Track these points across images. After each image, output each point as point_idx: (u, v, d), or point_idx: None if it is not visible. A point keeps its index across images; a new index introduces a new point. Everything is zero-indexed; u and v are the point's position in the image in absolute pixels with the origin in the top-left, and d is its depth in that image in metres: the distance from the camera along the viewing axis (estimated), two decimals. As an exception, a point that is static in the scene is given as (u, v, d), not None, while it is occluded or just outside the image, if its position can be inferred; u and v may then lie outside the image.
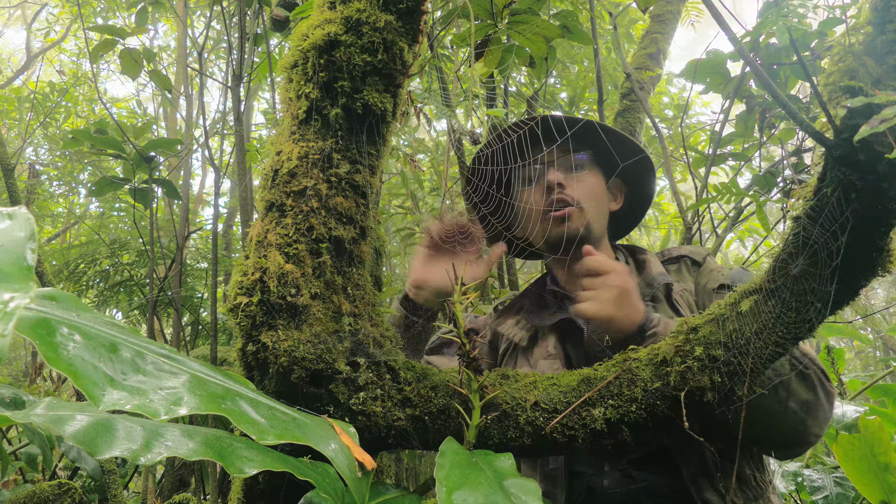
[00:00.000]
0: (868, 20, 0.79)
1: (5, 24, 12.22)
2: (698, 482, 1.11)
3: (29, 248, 0.38)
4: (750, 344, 0.89)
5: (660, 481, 1.14)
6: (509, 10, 1.71)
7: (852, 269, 0.85)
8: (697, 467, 1.12)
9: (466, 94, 1.80)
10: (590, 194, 1.33)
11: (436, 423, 0.93)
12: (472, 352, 0.90)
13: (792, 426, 1.04)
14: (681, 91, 4.89)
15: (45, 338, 0.48)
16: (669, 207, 5.14)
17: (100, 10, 6.86)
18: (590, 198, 1.32)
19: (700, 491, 1.10)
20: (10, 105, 6.79)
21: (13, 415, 0.52)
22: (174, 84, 6.24)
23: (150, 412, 0.49)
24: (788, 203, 1.07)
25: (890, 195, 0.77)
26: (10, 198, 2.61)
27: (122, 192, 3.07)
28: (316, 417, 0.74)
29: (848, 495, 1.73)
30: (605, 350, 1.21)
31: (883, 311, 7.62)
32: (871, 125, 0.65)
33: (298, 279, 0.91)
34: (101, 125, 2.58)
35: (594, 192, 1.34)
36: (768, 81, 0.81)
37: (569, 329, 1.31)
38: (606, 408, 0.93)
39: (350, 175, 0.98)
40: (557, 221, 1.29)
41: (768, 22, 1.49)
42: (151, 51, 2.90)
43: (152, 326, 3.17)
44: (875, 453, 1.47)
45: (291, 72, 1.00)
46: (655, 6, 2.83)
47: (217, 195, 2.89)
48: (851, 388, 2.61)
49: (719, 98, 2.25)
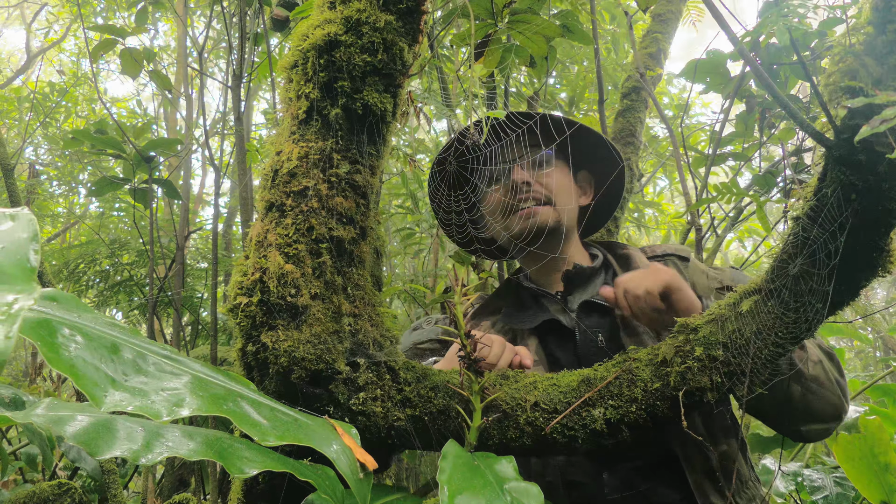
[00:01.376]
0: (868, 20, 0.79)
1: (5, 23, 12.21)
2: (703, 487, 1.10)
3: (32, 250, 0.38)
4: (750, 344, 0.89)
5: (662, 490, 1.12)
6: (509, 9, 1.71)
7: (853, 270, 0.85)
8: (702, 472, 1.11)
9: (466, 94, 1.80)
10: (558, 189, 1.30)
11: (436, 424, 0.93)
12: (474, 353, 0.90)
13: (836, 394, 1.09)
14: (681, 91, 4.89)
15: (46, 339, 0.48)
16: (669, 207, 5.14)
17: (100, 9, 6.86)
18: (559, 192, 1.30)
19: (705, 496, 1.09)
20: (10, 105, 6.79)
21: (13, 415, 0.52)
22: (174, 84, 6.24)
23: (151, 413, 0.49)
24: (788, 203, 1.07)
25: (890, 195, 0.77)
26: (10, 198, 2.60)
27: (122, 192, 3.07)
28: (317, 418, 0.74)
29: (848, 495, 1.73)
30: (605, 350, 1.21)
31: (883, 311, 7.62)
32: (872, 125, 0.65)
33: (298, 279, 0.91)
34: (101, 125, 2.58)
35: (562, 186, 1.32)
36: (768, 81, 0.81)
37: (552, 331, 1.27)
38: (606, 408, 0.93)
39: (350, 175, 0.98)
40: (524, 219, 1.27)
41: (768, 22, 1.49)
42: (151, 51, 2.89)
43: (152, 326, 3.16)
44: (875, 453, 1.47)
45: (291, 72, 1.00)
46: (656, 6, 2.83)
47: (217, 195, 2.89)
48: (851, 388, 2.61)
49: (719, 98, 2.25)
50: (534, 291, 1.35)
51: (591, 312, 1.26)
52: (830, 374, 1.09)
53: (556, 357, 1.25)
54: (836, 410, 1.09)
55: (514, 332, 1.29)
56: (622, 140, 2.56)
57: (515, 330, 1.29)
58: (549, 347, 1.26)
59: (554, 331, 1.27)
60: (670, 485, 1.12)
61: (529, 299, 1.34)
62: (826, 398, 1.07)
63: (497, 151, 1.30)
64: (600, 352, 1.20)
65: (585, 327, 1.24)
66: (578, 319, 1.25)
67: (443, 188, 1.36)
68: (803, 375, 1.04)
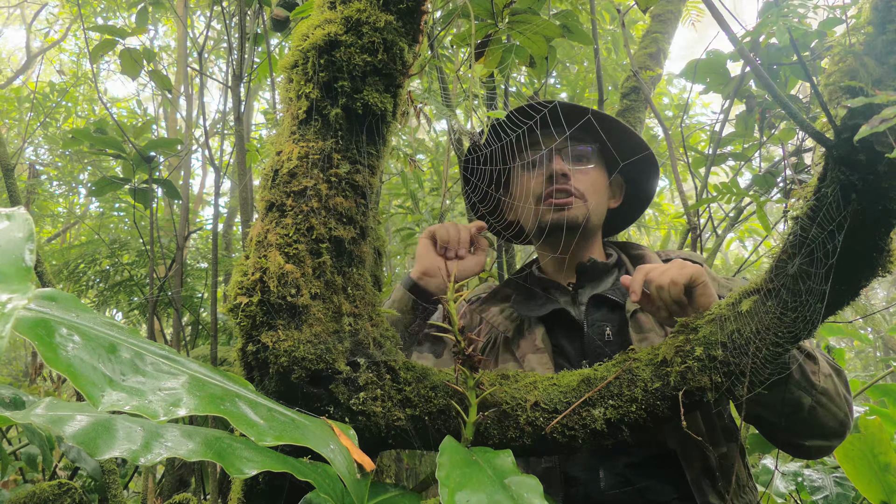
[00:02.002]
0: (868, 20, 0.79)
1: (5, 23, 12.22)
2: (701, 486, 1.10)
3: (27, 249, 0.38)
4: (750, 344, 0.89)
5: (659, 486, 1.13)
6: (509, 9, 1.70)
7: (853, 269, 0.85)
8: (701, 471, 1.11)
9: (466, 94, 1.80)
10: (593, 188, 1.31)
11: (436, 424, 0.93)
12: (468, 349, 0.89)
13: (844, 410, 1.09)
14: (681, 92, 4.89)
15: (44, 338, 0.48)
16: (669, 208, 5.13)
17: (100, 10, 6.86)
18: (592, 191, 1.31)
19: (703, 495, 1.10)
20: (10, 105, 6.79)
21: (13, 415, 0.52)
22: (174, 84, 6.24)
23: (148, 413, 0.49)
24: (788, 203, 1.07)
25: (890, 195, 0.77)
26: (10, 198, 2.60)
27: (122, 192, 3.07)
28: (315, 419, 0.74)
29: (848, 495, 1.73)
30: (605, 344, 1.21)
31: (883, 311, 7.62)
32: (872, 125, 0.65)
33: (298, 279, 0.91)
34: (101, 125, 2.58)
35: (597, 186, 1.33)
36: (768, 81, 0.81)
37: (560, 321, 1.28)
38: (606, 408, 0.93)
39: (350, 175, 0.98)
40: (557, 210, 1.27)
41: (768, 22, 1.49)
42: (151, 51, 2.90)
43: (152, 326, 3.16)
44: (875, 453, 1.47)
45: (291, 72, 1.00)
46: (656, 6, 2.83)
47: (217, 195, 2.89)
48: (851, 387, 2.61)
49: (719, 99, 2.25)
50: (545, 282, 1.36)
51: (601, 306, 1.27)
52: (839, 389, 1.09)
53: (562, 347, 1.26)
54: (841, 427, 1.09)
55: (522, 320, 1.30)
56: (622, 140, 2.56)
57: (523, 318, 1.30)
58: (556, 337, 1.27)
59: (562, 321, 1.28)
60: (667, 482, 1.12)
61: (540, 289, 1.35)
62: (833, 413, 1.06)
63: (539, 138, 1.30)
64: (607, 345, 1.21)
65: (594, 320, 1.24)
66: (587, 312, 1.26)
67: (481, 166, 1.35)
68: (815, 387, 1.04)
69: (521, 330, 1.29)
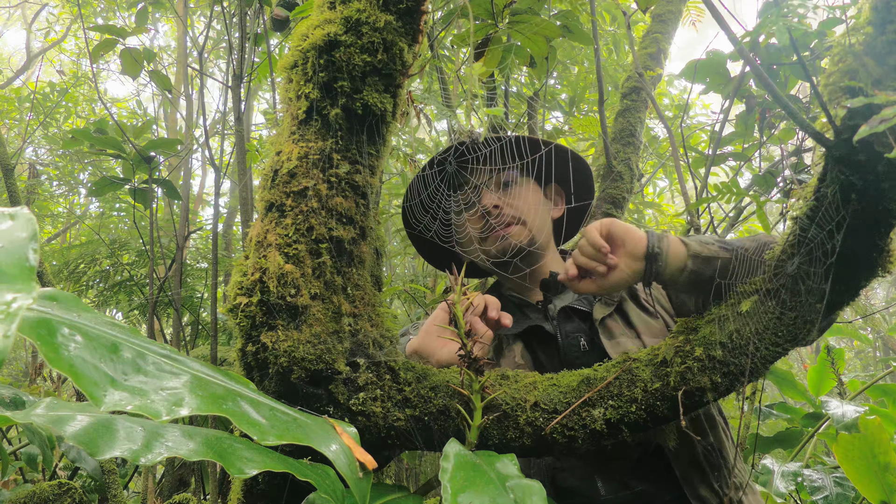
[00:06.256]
0: (868, 20, 0.79)
1: (5, 24, 12.22)
2: (690, 479, 1.11)
3: (31, 249, 0.38)
4: (749, 344, 0.89)
5: (653, 489, 1.12)
6: (509, 9, 1.71)
7: (853, 270, 0.85)
8: (688, 463, 1.12)
9: (467, 94, 1.80)
10: (528, 208, 1.33)
11: (435, 424, 0.93)
12: (474, 352, 0.90)
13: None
14: (682, 92, 4.89)
15: (45, 338, 0.48)
16: (669, 208, 5.13)
17: (100, 10, 6.86)
18: (529, 211, 1.33)
19: (693, 489, 1.10)
20: (10, 105, 6.79)
21: (13, 415, 0.52)
22: (174, 84, 6.24)
23: (151, 413, 0.49)
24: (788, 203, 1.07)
25: (890, 195, 0.77)
26: (10, 198, 2.61)
27: (122, 192, 3.07)
28: (317, 418, 0.74)
29: (848, 495, 1.73)
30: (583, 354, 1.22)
31: (883, 310, 7.62)
32: (871, 125, 0.65)
33: (298, 279, 0.91)
34: (101, 125, 2.58)
35: (531, 204, 1.34)
36: (768, 81, 0.81)
37: (537, 337, 1.30)
38: (606, 408, 0.93)
39: (350, 175, 0.98)
40: (498, 242, 1.30)
41: (768, 22, 1.49)
42: (151, 51, 2.89)
43: (152, 326, 3.17)
44: (875, 453, 1.47)
45: (291, 72, 1.00)
46: (656, 6, 2.83)
47: (217, 195, 2.88)
48: (851, 388, 2.61)
49: (719, 99, 2.25)
50: (517, 301, 1.38)
51: (572, 317, 1.29)
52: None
53: (541, 361, 1.28)
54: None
55: (500, 339, 1.33)
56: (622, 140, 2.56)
57: (500, 336, 1.32)
58: (534, 352, 1.29)
59: (538, 336, 1.30)
60: (661, 485, 1.12)
61: (514, 308, 1.37)
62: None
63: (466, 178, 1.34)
64: (583, 356, 1.22)
65: (567, 332, 1.26)
66: (559, 325, 1.28)
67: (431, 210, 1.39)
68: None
69: (501, 349, 1.31)
